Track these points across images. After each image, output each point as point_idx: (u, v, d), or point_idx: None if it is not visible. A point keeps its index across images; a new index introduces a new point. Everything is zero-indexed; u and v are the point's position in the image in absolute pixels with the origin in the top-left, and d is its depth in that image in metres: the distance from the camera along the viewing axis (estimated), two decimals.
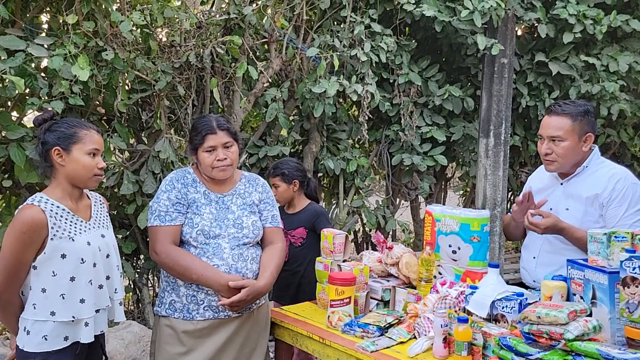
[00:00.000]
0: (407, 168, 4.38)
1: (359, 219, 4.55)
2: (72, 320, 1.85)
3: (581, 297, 1.84)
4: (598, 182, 2.26)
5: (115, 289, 2.02)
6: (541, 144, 2.31)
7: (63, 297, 1.84)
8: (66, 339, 1.86)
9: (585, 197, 2.26)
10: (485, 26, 4.03)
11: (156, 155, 3.26)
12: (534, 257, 2.39)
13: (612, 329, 1.71)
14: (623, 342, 1.67)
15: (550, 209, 2.35)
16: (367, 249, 4.84)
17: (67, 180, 1.90)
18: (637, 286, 1.60)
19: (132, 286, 3.82)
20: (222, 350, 2.13)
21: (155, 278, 3.91)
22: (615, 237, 1.82)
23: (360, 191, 4.29)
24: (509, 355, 1.67)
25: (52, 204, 1.85)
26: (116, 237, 3.43)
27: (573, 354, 1.57)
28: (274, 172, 2.94)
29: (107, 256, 1.98)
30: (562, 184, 2.37)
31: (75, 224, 1.89)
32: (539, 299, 1.95)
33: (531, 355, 1.61)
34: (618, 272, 1.67)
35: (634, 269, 1.61)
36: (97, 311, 1.93)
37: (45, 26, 3.13)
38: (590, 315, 1.75)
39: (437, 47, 4.49)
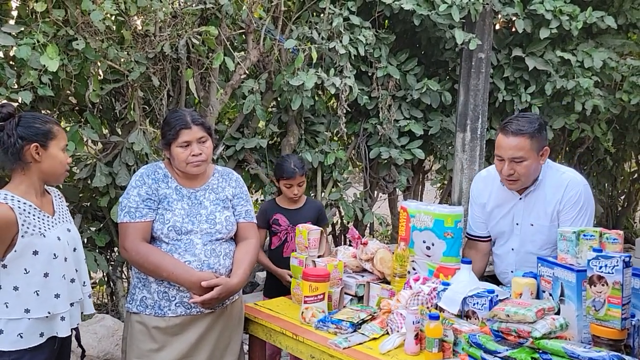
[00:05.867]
0: (385, 161, 4.39)
1: (337, 212, 4.56)
2: (47, 316, 1.83)
3: (550, 295, 1.87)
4: (554, 195, 2.28)
5: (84, 282, 2.01)
6: (501, 165, 2.24)
7: (37, 294, 1.82)
8: (42, 335, 1.84)
9: (550, 213, 2.28)
10: (463, 20, 4.04)
11: (130, 147, 3.20)
12: (512, 272, 2.40)
13: (579, 326, 1.75)
14: (589, 339, 1.70)
15: (517, 224, 2.38)
16: (345, 241, 4.85)
17: (40, 176, 1.87)
18: (603, 285, 1.63)
19: (106, 279, 3.78)
20: (195, 346, 2.12)
21: (130, 271, 3.86)
22: (584, 235, 1.85)
23: (338, 184, 4.30)
24: (478, 352, 1.69)
25: (19, 201, 1.81)
26: (89, 229, 3.42)
27: (540, 351, 1.59)
28: (302, 170, 2.90)
29: (75, 250, 1.97)
30: (521, 198, 2.36)
31: (43, 219, 1.87)
32: (510, 296, 1.98)
33: (499, 353, 1.63)
34: (585, 271, 1.70)
35: (600, 267, 1.64)
36: (71, 305, 1.92)
37: (15, 14, 3.03)
38: (558, 312, 1.78)
39: (415, 41, 4.49)
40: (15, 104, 2.83)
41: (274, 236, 2.98)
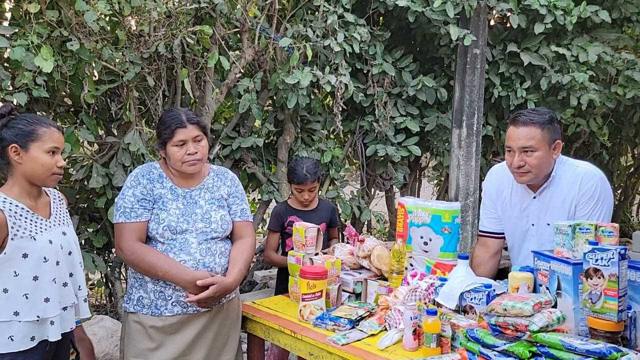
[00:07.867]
0: (382, 158, 4.40)
1: None
2: (37, 320, 1.82)
3: (547, 288, 1.88)
4: (569, 191, 2.23)
5: (79, 286, 1.99)
6: (511, 157, 2.20)
7: (26, 297, 1.81)
8: (33, 339, 1.83)
9: (567, 210, 2.23)
10: (458, 16, 4.04)
11: (126, 148, 3.20)
12: None
13: (575, 319, 1.75)
14: (586, 332, 1.71)
15: (532, 224, 2.34)
16: (343, 239, 4.86)
17: (24, 178, 1.85)
18: (599, 277, 1.63)
19: (104, 280, 3.77)
20: (192, 345, 2.12)
21: (128, 271, 3.86)
22: (580, 228, 1.86)
23: (335, 182, 4.30)
24: (476, 347, 1.69)
25: (11, 203, 1.80)
26: (87, 230, 3.41)
27: (537, 344, 1.60)
28: (315, 176, 2.84)
29: (70, 253, 1.95)
30: (535, 197, 2.31)
31: (36, 222, 1.85)
32: (507, 290, 1.98)
33: (497, 346, 1.64)
34: (582, 264, 1.70)
35: (596, 260, 1.64)
36: (64, 309, 1.90)
37: (9, 15, 3.02)
38: (555, 305, 1.79)
39: (410, 37, 4.49)
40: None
41: (287, 238, 2.94)
